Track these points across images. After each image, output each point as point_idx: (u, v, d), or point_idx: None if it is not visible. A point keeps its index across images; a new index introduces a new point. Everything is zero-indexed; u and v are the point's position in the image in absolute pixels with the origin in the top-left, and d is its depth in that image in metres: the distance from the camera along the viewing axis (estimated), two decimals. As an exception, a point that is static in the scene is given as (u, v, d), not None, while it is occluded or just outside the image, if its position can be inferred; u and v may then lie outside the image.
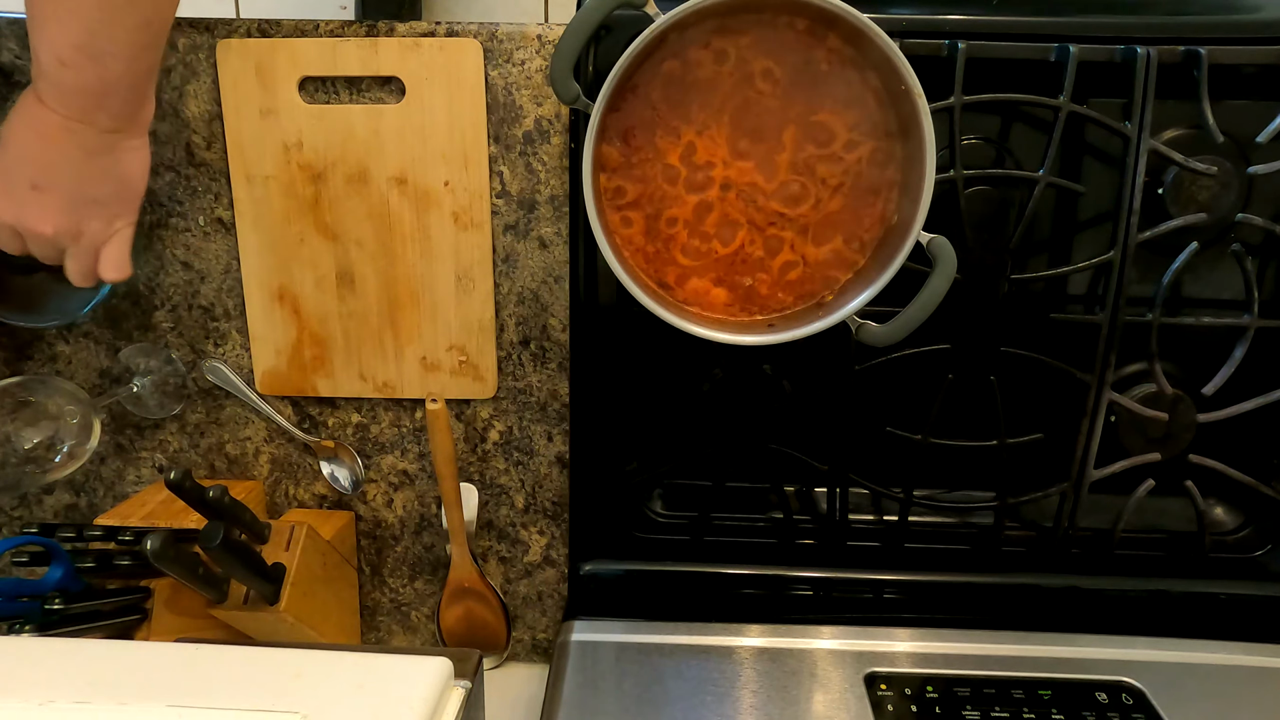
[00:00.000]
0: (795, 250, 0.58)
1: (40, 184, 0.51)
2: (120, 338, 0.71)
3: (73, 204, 0.52)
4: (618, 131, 0.56)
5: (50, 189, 0.51)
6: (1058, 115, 0.61)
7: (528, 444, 0.73)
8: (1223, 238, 0.66)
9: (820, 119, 0.55)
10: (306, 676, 0.45)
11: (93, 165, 0.52)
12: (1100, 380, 0.66)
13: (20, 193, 0.51)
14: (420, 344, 0.70)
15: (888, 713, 0.58)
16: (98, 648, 0.48)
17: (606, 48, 0.62)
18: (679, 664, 0.62)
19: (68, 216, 0.52)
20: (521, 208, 0.67)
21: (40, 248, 0.54)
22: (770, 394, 0.72)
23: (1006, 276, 0.66)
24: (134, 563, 0.62)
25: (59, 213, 0.52)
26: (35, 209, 0.51)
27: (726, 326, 0.57)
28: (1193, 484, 0.69)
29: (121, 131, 0.52)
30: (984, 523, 0.72)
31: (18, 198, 0.51)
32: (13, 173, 0.51)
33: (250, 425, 0.73)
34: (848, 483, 0.70)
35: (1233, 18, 0.63)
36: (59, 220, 0.52)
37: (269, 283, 0.69)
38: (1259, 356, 0.66)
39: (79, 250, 0.55)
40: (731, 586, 0.71)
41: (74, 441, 0.66)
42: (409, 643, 0.79)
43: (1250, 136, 0.63)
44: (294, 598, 0.63)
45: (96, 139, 0.51)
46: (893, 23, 0.60)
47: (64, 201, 0.52)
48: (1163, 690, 0.60)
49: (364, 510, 0.75)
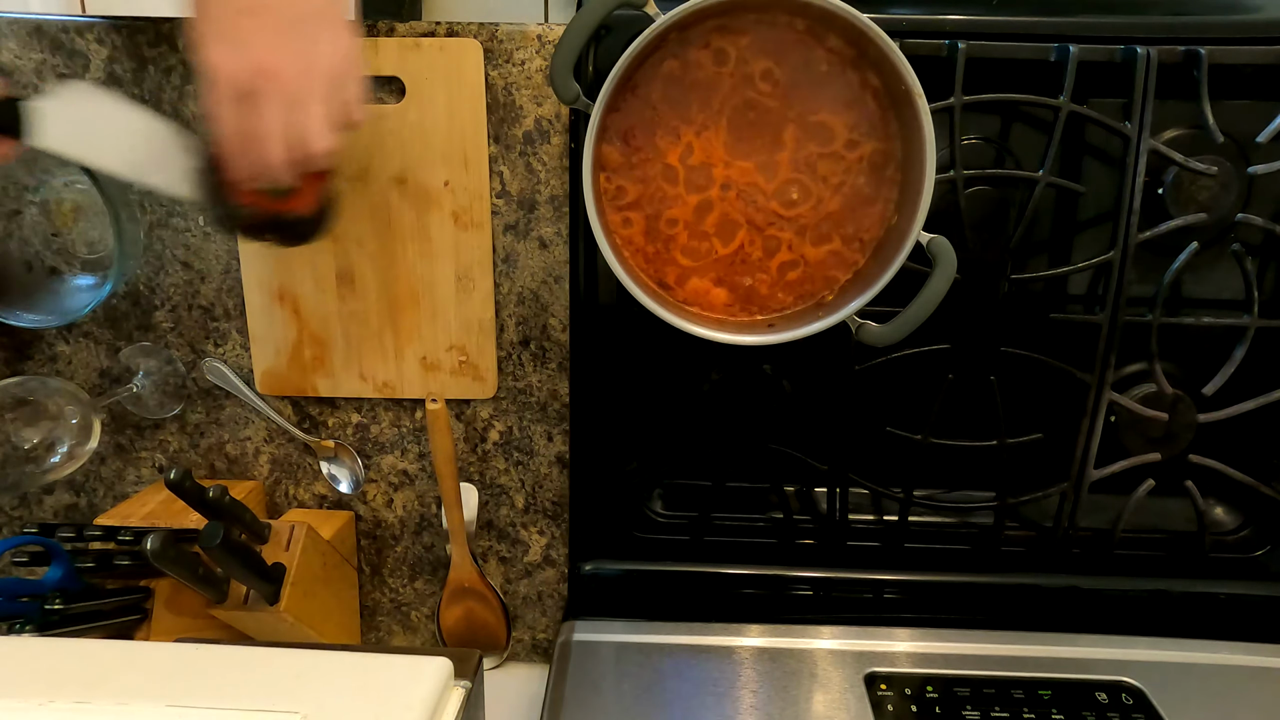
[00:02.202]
0: (795, 250, 0.58)
1: (252, 5, 0.43)
2: (120, 338, 0.71)
3: (296, 21, 0.44)
4: (618, 131, 0.56)
5: (264, 9, 0.43)
6: (1058, 115, 0.61)
7: (528, 444, 0.73)
8: (1223, 238, 0.66)
9: (820, 119, 0.55)
10: (306, 676, 0.45)
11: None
12: (1100, 380, 0.66)
13: (235, 25, 0.43)
14: (420, 344, 0.70)
15: (888, 713, 0.58)
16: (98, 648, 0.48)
17: (606, 48, 0.62)
18: (679, 664, 0.62)
19: (295, 40, 0.44)
20: (521, 208, 0.67)
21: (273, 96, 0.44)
22: (770, 394, 0.72)
23: (1006, 276, 0.66)
24: (134, 563, 0.62)
25: (283, 36, 0.43)
26: (259, 41, 0.43)
27: (726, 326, 0.57)
28: (1193, 484, 0.69)
29: None
30: (984, 523, 0.72)
31: (233, 34, 0.43)
32: (219, 6, 0.44)
33: (250, 425, 0.73)
34: (848, 483, 0.70)
35: (1233, 18, 0.63)
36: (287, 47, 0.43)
37: (269, 283, 0.69)
38: (1259, 356, 0.66)
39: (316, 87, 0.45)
40: (731, 586, 0.71)
41: (74, 441, 0.66)
42: (409, 643, 0.79)
43: (1250, 136, 0.63)
44: (294, 598, 0.63)
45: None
46: (893, 23, 0.60)
47: (284, 20, 0.44)
48: (1163, 690, 0.60)
49: (364, 510, 0.75)
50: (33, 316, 0.66)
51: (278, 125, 0.45)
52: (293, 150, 0.46)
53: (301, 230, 0.55)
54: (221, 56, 0.44)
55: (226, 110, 0.45)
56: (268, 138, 0.45)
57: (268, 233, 0.54)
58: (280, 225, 0.53)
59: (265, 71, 0.44)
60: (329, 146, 0.47)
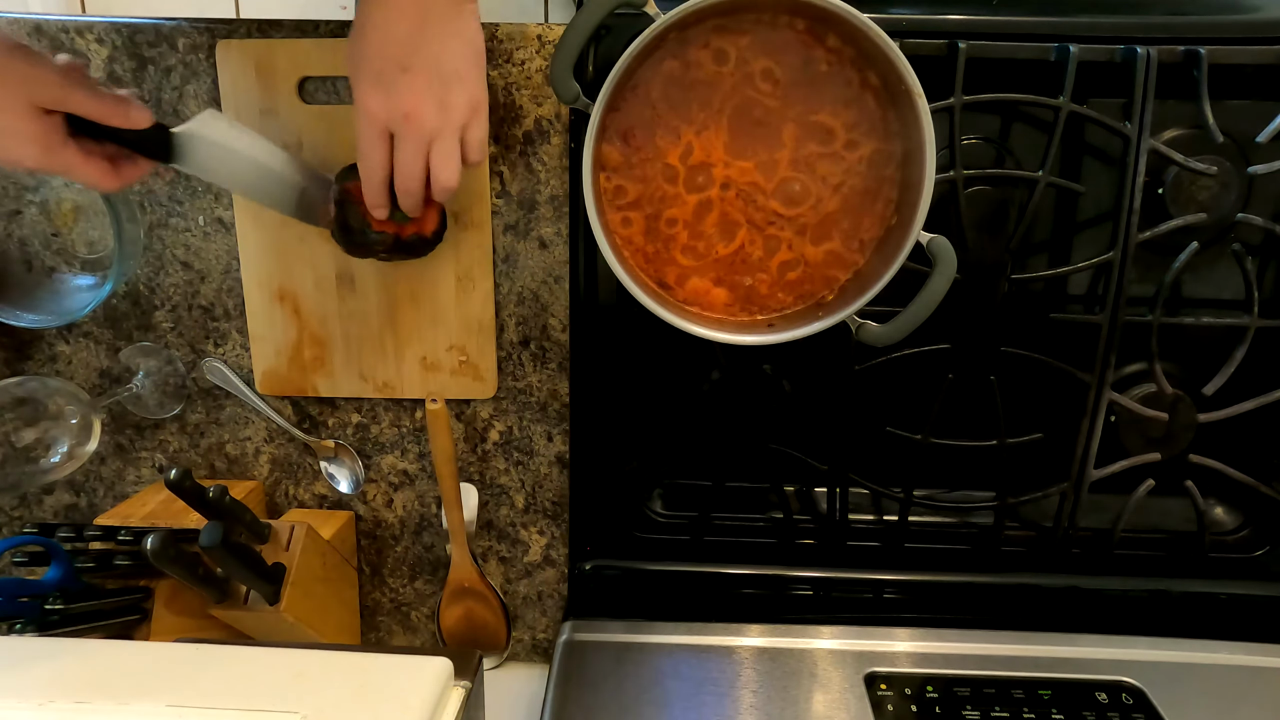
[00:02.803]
0: (795, 250, 0.58)
1: (408, 64, 0.50)
2: (120, 338, 0.71)
3: (439, 78, 0.51)
4: (618, 131, 0.56)
5: (418, 68, 0.50)
6: (1058, 115, 0.61)
7: (528, 444, 0.73)
8: (1223, 238, 0.66)
9: (820, 119, 0.55)
10: (306, 676, 0.45)
11: (447, 35, 0.50)
12: (1100, 380, 0.66)
13: (391, 78, 0.50)
14: (420, 344, 0.70)
15: (888, 713, 0.58)
16: (98, 648, 0.48)
17: (606, 48, 0.62)
18: (679, 664, 0.62)
19: (436, 94, 0.51)
20: (521, 208, 0.67)
21: (414, 137, 0.51)
22: (770, 394, 0.72)
23: (1006, 276, 0.66)
24: (134, 563, 0.62)
25: (427, 89, 0.50)
26: (409, 92, 0.50)
27: (726, 326, 0.57)
28: (1193, 484, 0.69)
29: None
30: (984, 523, 0.72)
31: (388, 84, 0.50)
32: (380, 59, 0.50)
33: (250, 425, 0.73)
34: (848, 483, 0.70)
35: (1233, 18, 0.63)
36: (430, 98, 0.50)
37: (269, 283, 0.69)
38: (1259, 356, 0.66)
39: (449, 132, 0.52)
40: (731, 586, 0.71)
41: (74, 441, 0.66)
42: (409, 643, 0.79)
43: (1250, 136, 0.63)
44: (294, 598, 0.63)
45: (444, 5, 0.50)
46: (893, 23, 0.60)
47: (432, 78, 0.50)
48: (1163, 690, 0.60)
49: (364, 510, 0.75)
50: (33, 316, 0.66)
51: (415, 161, 0.53)
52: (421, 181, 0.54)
53: (422, 248, 0.62)
54: (375, 101, 0.51)
55: (372, 146, 0.52)
56: (404, 169, 0.53)
57: (395, 253, 0.61)
58: (405, 246, 0.60)
59: (410, 116, 0.51)
60: (454, 183, 0.54)
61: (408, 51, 0.50)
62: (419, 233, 0.60)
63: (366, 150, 0.53)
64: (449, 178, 0.54)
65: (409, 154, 0.52)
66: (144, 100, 0.66)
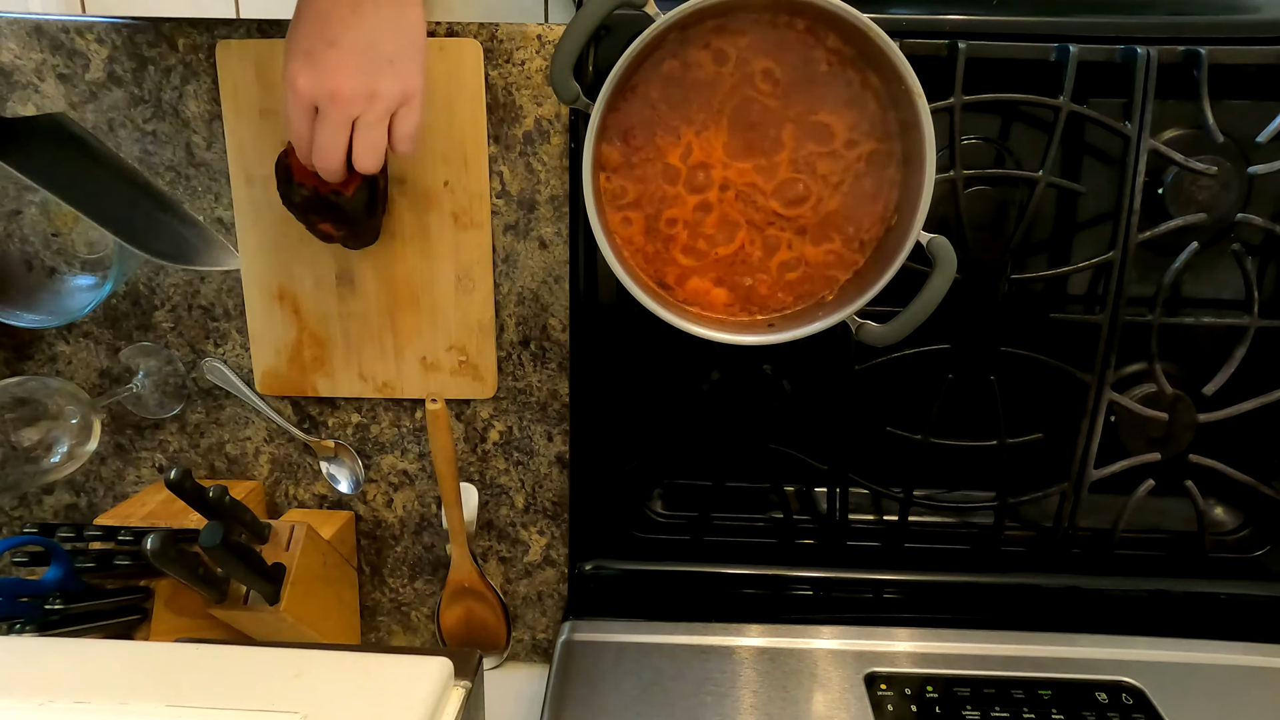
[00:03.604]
0: (795, 250, 0.58)
1: (336, 40, 0.50)
2: (120, 338, 0.71)
3: (369, 61, 0.51)
4: (618, 131, 0.55)
5: (346, 45, 0.51)
6: (1058, 115, 0.61)
7: (528, 444, 0.73)
8: (1223, 238, 0.66)
9: (820, 119, 0.55)
10: (306, 676, 0.45)
11: (383, 19, 0.51)
12: (1100, 380, 0.66)
13: (318, 51, 0.51)
14: (420, 344, 0.70)
15: (888, 713, 0.58)
16: (98, 648, 0.48)
17: (606, 48, 0.62)
18: (679, 664, 0.62)
19: (364, 75, 0.51)
20: (521, 208, 0.67)
21: (336, 116, 0.52)
22: (770, 394, 0.72)
23: (1006, 276, 0.66)
24: (134, 563, 0.62)
25: (356, 70, 0.51)
26: (334, 67, 0.51)
27: (726, 326, 0.57)
28: (1193, 484, 0.69)
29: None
30: (984, 523, 0.72)
31: (315, 57, 0.51)
32: (310, 36, 0.51)
33: (250, 425, 0.73)
34: (848, 483, 0.70)
35: (1233, 18, 0.63)
36: (356, 78, 0.51)
37: (269, 283, 0.69)
38: (1259, 356, 0.66)
39: (373, 117, 0.53)
40: (731, 586, 0.71)
41: (74, 441, 0.66)
42: (409, 643, 0.79)
43: (1250, 136, 0.63)
44: (294, 598, 0.63)
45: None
46: (893, 23, 0.60)
47: (360, 59, 0.51)
48: (1163, 690, 0.60)
49: (364, 510, 0.75)
50: (33, 316, 0.66)
51: (335, 139, 0.53)
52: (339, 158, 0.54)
53: (351, 216, 0.61)
54: (302, 78, 0.51)
55: (297, 120, 0.53)
56: (322, 145, 0.53)
57: (322, 214, 0.60)
58: (327, 205, 0.60)
59: (334, 95, 0.51)
60: (374, 168, 0.55)
61: (338, 30, 0.50)
62: (338, 191, 0.59)
63: (292, 124, 0.53)
64: (369, 164, 0.54)
65: (329, 132, 0.53)
66: (146, 99, 0.66)
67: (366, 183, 0.60)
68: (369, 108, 0.52)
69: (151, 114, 0.66)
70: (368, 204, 0.62)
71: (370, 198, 0.62)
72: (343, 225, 0.61)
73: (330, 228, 0.61)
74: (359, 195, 0.60)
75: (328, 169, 0.54)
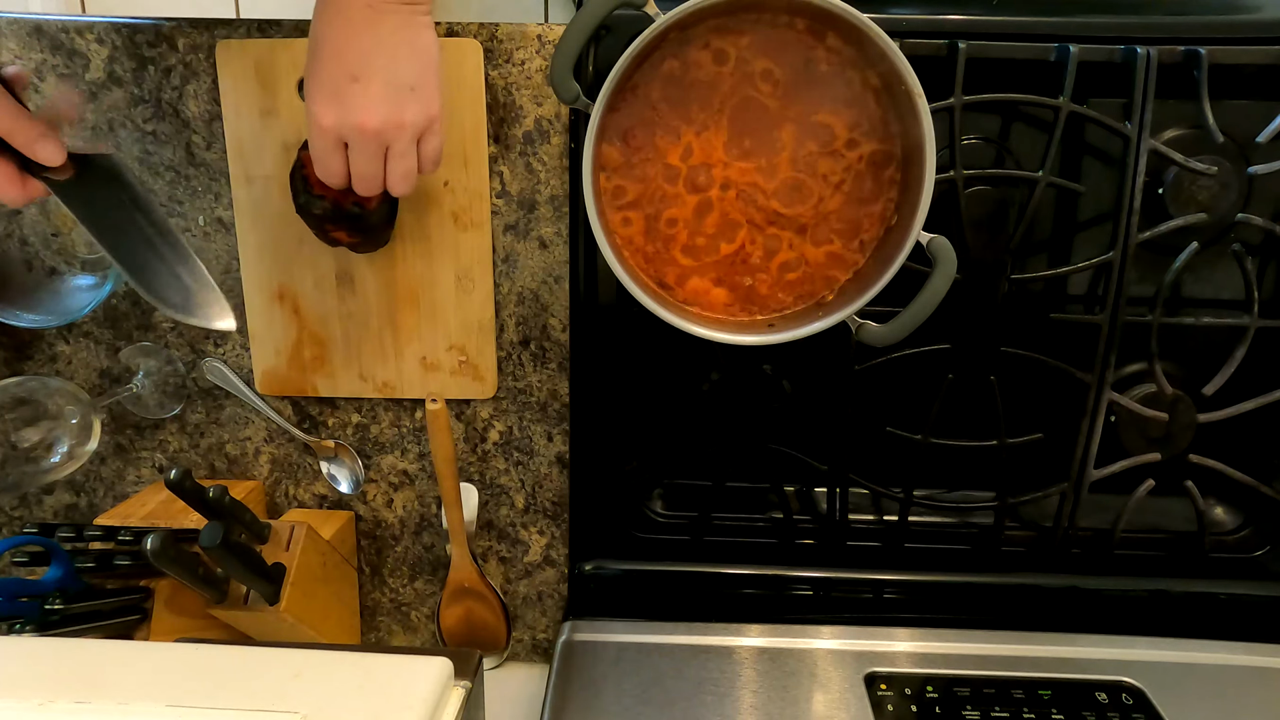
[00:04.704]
0: (795, 250, 0.58)
1: (358, 74, 0.50)
2: (120, 338, 0.71)
3: (393, 90, 0.51)
4: (618, 131, 0.56)
5: (368, 78, 0.50)
6: (1058, 115, 0.61)
7: (528, 444, 0.73)
8: (1223, 238, 0.66)
9: (820, 119, 0.55)
10: (306, 676, 0.45)
11: (400, 45, 0.51)
12: (1100, 380, 0.66)
13: (342, 88, 0.50)
14: (420, 344, 0.70)
15: (888, 713, 0.58)
16: (98, 648, 0.48)
17: (606, 48, 0.62)
18: (679, 664, 0.62)
19: (390, 105, 0.51)
20: (521, 208, 0.67)
21: (369, 149, 0.53)
22: (770, 394, 0.72)
23: (1006, 276, 0.66)
24: (134, 563, 0.62)
25: (382, 101, 0.51)
26: (360, 102, 0.51)
27: (726, 326, 0.57)
28: (1193, 484, 0.69)
29: (414, 4, 0.52)
30: (984, 523, 0.72)
31: (340, 94, 0.51)
32: (330, 70, 0.51)
33: (250, 425, 0.73)
34: (848, 483, 0.70)
35: (1233, 18, 0.63)
36: (382, 110, 0.51)
37: (269, 283, 0.69)
38: (1259, 356, 0.66)
39: (403, 145, 0.53)
40: (731, 586, 0.71)
41: (74, 441, 0.66)
42: (409, 643, 0.79)
43: (1250, 136, 0.63)
44: (294, 598, 0.63)
45: (396, 16, 0.51)
46: (893, 23, 0.60)
47: (383, 89, 0.51)
48: (1163, 690, 0.60)
49: (364, 510, 0.75)
50: (33, 316, 0.66)
51: (372, 168, 0.53)
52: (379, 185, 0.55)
53: (365, 228, 0.61)
54: (328, 115, 0.51)
55: (328, 156, 0.53)
56: (360, 176, 0.54)
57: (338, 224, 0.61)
58: (347, 216, 0.60)
59: (363, 130, 0.51)
60: (408, 191, 0.55)
61: (359, 63, 0.50)
62: (361, 204, 0.60)
63: (324, 161, 0.53)
64: (404, 189, 0.55)
65: (365, 163, 0.53)
66: (146, 99, 0.66)
67: (385, 198, 0.60)
68: (398, 137, 0.52)
69: (151, 114, 0.66)
70: (388, 216, 0.63)
71: (391, 209, 0.63)
72: (357, 234, 0.62)
73: (344, 235, 0.62)
74: (381, 208, 0.61)
75: (368, 194, 0.55)
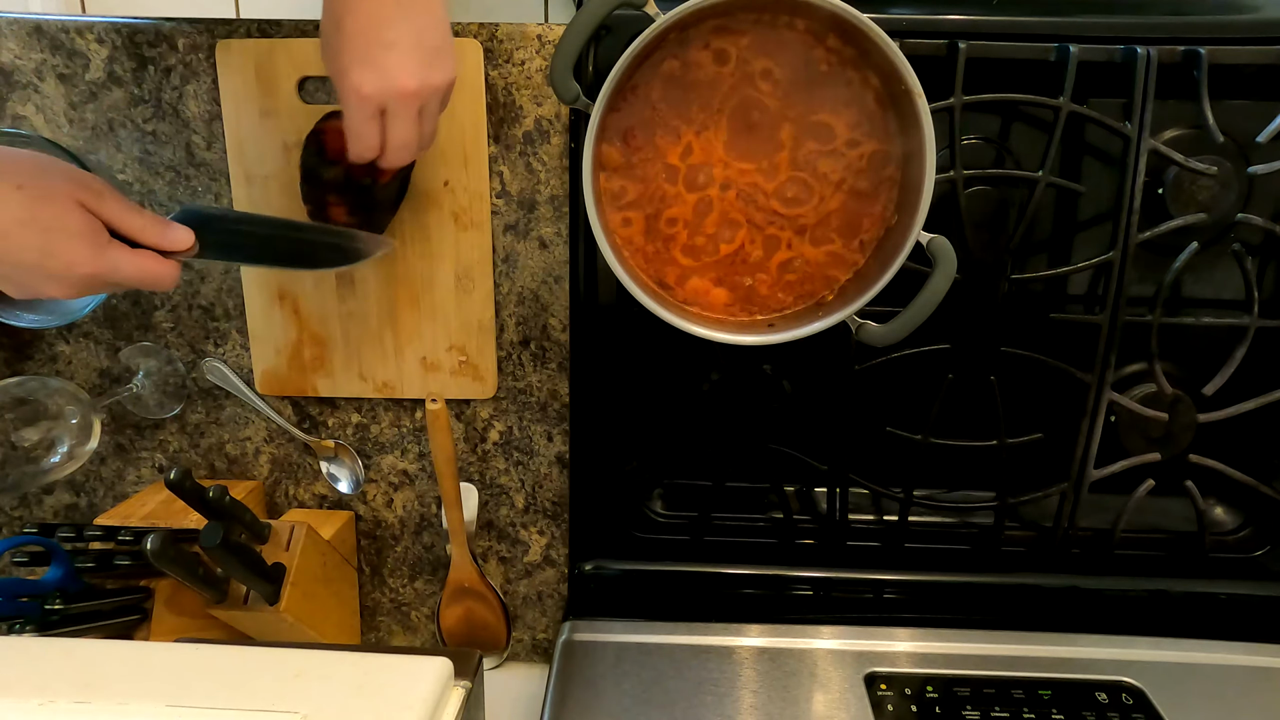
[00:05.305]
0: (795, 250, 0.58)
1: (392, 42, 0.51)
2: (120, 338, 0.71)
3: (424, 54, 0.52)
4: (618, 131, 0.55)
5: (402, 45, 0.51)
6: (1058, 115, 0.61)
7: (528, 444, 0.73)
8: (1223, 238, 0.66)
9: (820, 119, 0.55)
10: (306, 676, 0.45)
11: (419, 10, 0.52)
12: (1100, 380, 0.66)
13: (377, 55, 0.51)
14: (420, 344, 0.70)
15: (888, 713, 0.58)
16: (98, 648, 0.48)
17: (606, 48, 0.62)
18: (679, 664, 0.62)
19: (422, 68, 0.52)
20: (521, 208, 0.67)
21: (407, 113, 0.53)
22: (770, 394, 0.72)
23: (1006, 276, 0.66)
24: (134, 563, 0.62)
25: (416, 66, 0.52)
26: (397, 67, 0.51)
27: (726, 326, 0.57)
28: (1193, 484, 0.69)
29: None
30: (984, 523, 0.72)
31: (376, 61, 0.51)
32: (363, 40, 0.51)
33: (250, 425, 0.73)
34: (848, 483, 0.70)
35: (1233, 18, 0.63)
36: (417, 74, 0.52)
37: (269, 283, 0.69)
38: (1259, 356, 0.66)
39: (434, 107, 0.54)
40: (731, 586, 0.71)
41: (74, 441, 0.66)
42: (409, 643, 0.79)
43: (1250, 136, 0.63)
44: (294, 598, 0.63)
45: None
46: (893, 23, 0.60)
47: (416, 54, 0.52)
48: (1163, 690, 0.60)
49: (364, 510, 0.75)
50: (33, 316, 0.66)
51: (409, 133, 0.54)
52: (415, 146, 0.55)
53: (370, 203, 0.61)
54: (368, 83, 0.51)
55: (366, 126, 0.53)
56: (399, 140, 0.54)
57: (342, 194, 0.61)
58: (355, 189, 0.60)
59: (402, 93, 0.52)
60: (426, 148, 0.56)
61: (389, 31, 0.51)
62: (374, 178, 0.60)
63: (362, 131, 0.53)
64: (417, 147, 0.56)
65: (404, 129, 0.53)
66: (146, 99, 0.66)
67: (399, 174, 0.60)
68: (432, 98, 0.53)
69: (151, 114, 0.66)
70: (397, 195, 0.62)
71: (401, 189, 0.62)
72: (356, 213, 0.61)
73: (344, 213, 0.61)
74: (391, 185, 0.61)
75: (404, 163, 0.56)
